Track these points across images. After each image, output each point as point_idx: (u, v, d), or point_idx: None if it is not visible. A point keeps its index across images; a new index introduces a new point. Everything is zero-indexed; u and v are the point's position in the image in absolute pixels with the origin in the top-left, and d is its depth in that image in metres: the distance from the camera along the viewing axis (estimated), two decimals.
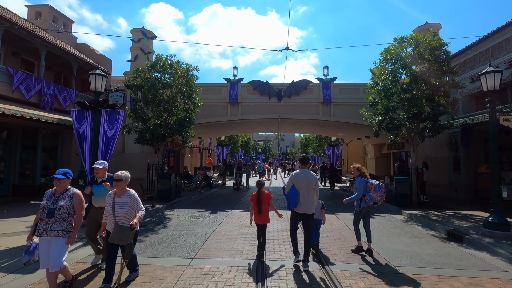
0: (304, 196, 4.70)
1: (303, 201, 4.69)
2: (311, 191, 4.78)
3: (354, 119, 15.77)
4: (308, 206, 4.72)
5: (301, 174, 4.82)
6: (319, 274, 4.58)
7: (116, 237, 3.77)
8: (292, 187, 4.76)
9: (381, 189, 5.46)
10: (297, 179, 4.79)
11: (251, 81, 16.28)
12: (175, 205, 11.15)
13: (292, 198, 4.69)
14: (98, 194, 4.73)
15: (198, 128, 17.40)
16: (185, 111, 11.60)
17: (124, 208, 3.89)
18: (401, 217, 9.48)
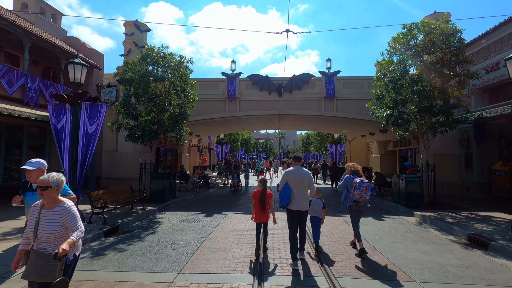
0: (297, 193, 4.68)
1: (298, 198, 4.67)
2: (304, 188, 4.74)
3: (358, 115, 14.98)
4: (302, 203, 4.71)
5: (294, 171, 4.79)
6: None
7: (34, 271, 2.55)
8: (285, 184, 4.74)
9: (360, 187, 5.32)
10: (290, 176, 4.76)
11: (250, 75, 15.49)
12: (169, 207, 10.40)
13: (285, 195, 4.69)
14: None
15: (195, 125, 16.64)
16: (179, 107, 10.83)
17: (52, 228, 2.62)
18: (413, 219, 8.70)
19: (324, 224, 7.94)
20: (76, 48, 15.12)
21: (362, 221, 8.18)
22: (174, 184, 11.96)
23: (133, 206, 9.38)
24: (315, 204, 5.60)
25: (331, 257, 5.24)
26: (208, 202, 11.71)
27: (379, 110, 11.21)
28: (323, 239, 6.46)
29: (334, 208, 10.40)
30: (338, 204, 11.32)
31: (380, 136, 19.70)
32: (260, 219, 5.28)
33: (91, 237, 6.21)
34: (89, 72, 14.84)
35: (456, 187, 13.61)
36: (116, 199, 8.41)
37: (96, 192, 7.72)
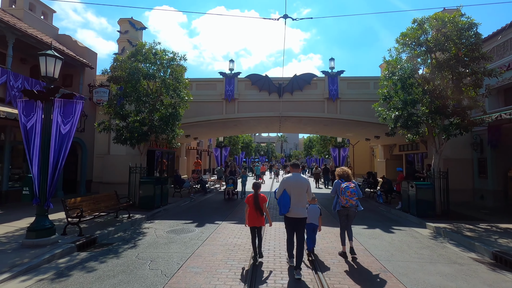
0: (295, 200, 4.61)
1: (295, 206, 4.60)
2: (302, 195, 4.68)
3: (363, 117, 14.16)
4: (300, 210, 4.63)
5: (292, 178, 4.74)
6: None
7: None
8: (283, 191, 4.67)
9: (345, 192, 5.34)
10: (288, 183, 4.69)
11: (249, 75, 14.75)
12: (158, 215, 9.61)
13: (284, 203, 4.61)
14: None
15: (192, 127, 15.91)
16: (171, 107, 10.08)
17: None
18: (426, 232, 7.83)
19: (327, 237, 7.15)
20: (68, 45, 14.50)
21: (369, 234, 7.36)
22: (166, 190, 11.19)
23: (118, 214, 8.60)
24: (312, 211, 5.48)
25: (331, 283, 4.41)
26: (202, 209, 10.90)
27: (386, 111, 10.42)
28: (325, 255, 5.63)
29: (337, 217, 9.54)
30: None
31: (386, 140, 18.85)
32: (254, 223, 5.20)
33: (60, 253, 5.42)
34: (81, 71, 14.20)
35: (468, 194, 12.71)
36: (97, 207, 7.63)
37: (73, 200, 6.94)
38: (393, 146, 19.87)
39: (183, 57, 10.23)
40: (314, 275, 4.70)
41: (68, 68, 14.08)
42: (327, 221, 8.72)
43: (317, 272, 4.76)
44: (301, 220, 4.69)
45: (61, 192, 12.54)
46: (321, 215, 5.61)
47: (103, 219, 8.26)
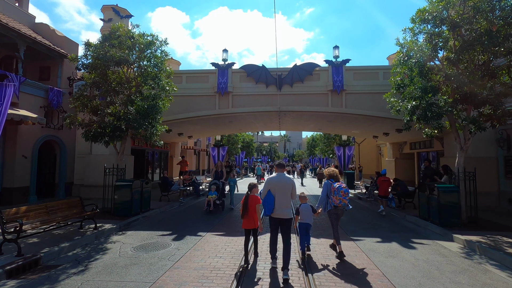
0: (280, 201, 4.59)
1: (279, 206, 4.57)
2: (287, 195, 4.64)
3: (371, 111, 12.69)
4: (284, 211, 4.59)
5: (276, 179, 4.71)
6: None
7: None
8: (268, 192, 4.65)
9: (339, 192, 5.33)
10: (273, 184, 4.67)
11: (244, 65, 13.35)
12: (134, 224, 8.24)
13: (268, 204, 4.61)
14: None
15: (182, 124, 14.56)
16: (150, 98, 8.71)
17: None
18: (454, 247, 6.36)
19: (331, 253, 5.74)
20: (45, 35, 13.23)
21: (385, 250, 5.92)
22: (148, 194, 9.82)
23: (83, 225, 7.24)
24: (305, 210, 5.42)
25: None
26: (187, 216, 9.52)
27: (400, 102, 8.95)
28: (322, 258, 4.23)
29: (345, 226, 8.09)
30: (349, 220, 9.04)
31: (395, 137, 17.32)
32: (247, 226, 4.99)
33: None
34: (59, 63, 12.91)
35: (493, 198, 11.17)
36: (51, 217, 6.27)
37: (14, 210, 5.58)
38: (403, 144, 18.32)
39: (164, 42, 8.85)
40: (304, 277, 4.50)
41: (44, 60, 12.83)
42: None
43: (307, 274, 4.58)
44: (287, 221, 4.60)
45: (34, 197, 11.25)
46: (315, 211, 5.51)
47: (63, 230, 6.92)
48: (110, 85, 8.01)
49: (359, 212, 10.61)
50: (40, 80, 12.77)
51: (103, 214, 8.81)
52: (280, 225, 4.62)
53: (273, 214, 4.61)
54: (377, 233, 7.46)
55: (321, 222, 8.68)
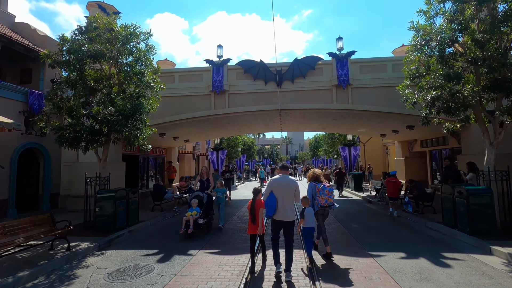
0: (282, 203, 4.50)
1: (282, 208, 4.49)
2: (290, 197, 4.56)
3: (380, 106, 11.62)
4: (287, 213, 4.51)
5: (279, 180, 4.62)
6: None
7: None
8: (270, 193, 4.57)
9: (323, 192, 5.52)
10: (275, 185, 4.58)
11: (241, 61, 12.35)
12: (116, 242, 7.18)
13: (270, 205, 4.52)
14: None
15: (176, 127, 13.57)
16: (134, 97, 7.70)
17: None
18: (497, 262, 5.26)
19: (349, 275, 4.67)
20: (25, 34, 12.31)
21: (414, 270, 4.82)
22: (136, 205, 8.79)
23: (54, 246, 6.19)
24: (309, 214, 5.31)
25: None
26: (179, 228, 8.44)
27: (416, 94, 7.92)
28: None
29: (361, 237, 6.98)
30: (365, 228, 7.90)
31: (404, 135, 16.22)
32: (253, 231, 4.94)
33: None
34: (40, 64, 11.97)
35: None
36: (9, 241, 5.22)
37: None
38: (413, 142, 17.21)
39: (148, 33, 7.84)
40: (311, 285, 4.32)
41: (25, 61, 11.91)
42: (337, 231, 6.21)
43: (315, 283, 4.38)
44: (290, 223, 4.55)
45: (13, 211, 10.24)
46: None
47: (30, 253, 5.87)
48: (86, 83, 6.99)
49: (372, 219, 9.50)
50: (21, 83, 11.84)
51: (83, 230, 7.80)
52: (282, 227, 4.56)
53: (275, 216, 4.51)
54: (399, 246, 6.37)
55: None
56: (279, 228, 4.58)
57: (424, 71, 7.97)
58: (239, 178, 30.78)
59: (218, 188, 8.78)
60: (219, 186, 8.83)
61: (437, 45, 6.72)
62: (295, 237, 5.07)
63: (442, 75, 6.78)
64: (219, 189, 8.77)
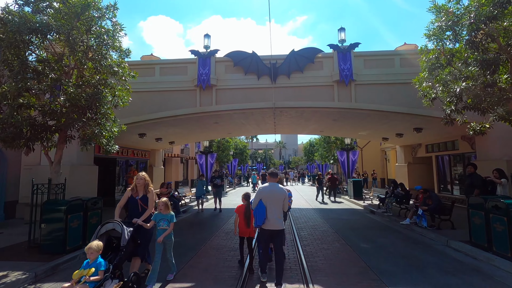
0: (271, 211, 4.42)
1: (271, 217, 4.41)
2: (279, 206, 4.48)
3: (387, 105, 10.34)
4: (277, 222, 4.42)
5: (268, 188, 4.56)
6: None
7: None
8: (259, 202, 4.48)
9: None
10: (264, 194, 4.52)
11: (230, 52, 10.92)
12: (63, 268, 5.57)
13: (259, 214, 4.42)
14: None
15: (157, 127, 12.04)
16: (92, 86, 6.17)
17: None
18: None
19: None
20: None
21: None
22: (98, 218, 7.18)
23: None
24: None
25: None
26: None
27: (439, 87, 6.62)
28: None
29: (373, 262, 5.51)
30: (377, 251, 6.29)
31: (408, 139, 14.99)
32: (244, 234, 5.19)
33: None
34: None
35: None
36: None
37: None
38: (417, 147, 15.99)
39: (113, 6, 6.32)
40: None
41: None
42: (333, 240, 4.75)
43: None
44: (278, 232, 4.49)
45: None
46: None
47: None
48: (27, 64, 5.45)
49: (381, 235, 8.08)
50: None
51: (25, 251, 6.23)
52: (271, 237, 4.50)
53: (264, 226, 4.43)
54: (424, 275, 4.95)
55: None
56: (268, 237, 4.49)
57: (444, 61, 6.71)
58: (230, 183, 29.24)
59: (161, 214, 4.75)
60: (162, 210, 4.77)
61: (472, 23, 5.38)
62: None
63: (477, 61, 5.45)
64: (162, 216, 4.74)
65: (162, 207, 4.79)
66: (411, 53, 10.41)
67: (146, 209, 4.67)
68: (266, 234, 4.46)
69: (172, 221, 4.78)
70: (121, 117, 10.75)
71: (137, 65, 11.31)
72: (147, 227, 4.59)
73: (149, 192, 4.75)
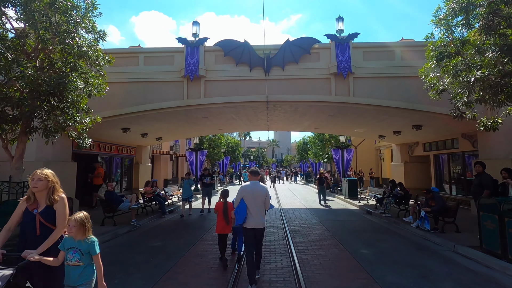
0: (253, 209, 4.43)
1: (253, 215, 4.42)
2: (260, 204, 4.50)
3: (387, 100, 9.74)
4: (258, 220, 4.44)
5: (250, 187, 4.55)
6: None
7: None
8: (241, 201, 4.50)
9: None
10: (246, 192, 4.51)
11: (221, 41, 10.14)
12: None
13: (241, 213, 4.44)
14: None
15: (141, 121, 11.21)
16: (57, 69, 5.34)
17: None
18: None
19: None
20: None
21: None
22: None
23: None
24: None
25: None
26: (127, 256, 6.10)
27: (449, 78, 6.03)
28: None
29: (377, 273, 4.86)
30: (379, 256, 5.40)
31: (406, 137, 14.48)
32: (223, 230, 5.47)
33: None
34: None
35: None
36: None
37: None
38: (414, 145, 15.51)
39: None
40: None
41: None
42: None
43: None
44: (261, 231, 4.56)
45: None
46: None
47: None
48: None
49: (381, 238, 7.47)
50: None
51: None
52: (254, 236, 4.48)
53: (246, 224, 4.44)
54: None
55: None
56: (251, 235, 4.47)
57: (453, 50, 6.14)
58: (221, 181, 28.49)
59: (71, 240, 2.70)
60: (73, 233, 2.67)
61: (491, 2, 4.76)
62: None
63: (496, 46, 4.84)
64: (72, 243, 2.69)
65: (74, 228, 2.65)
66: (412, 45, 9.83)
67: (51, 230, 2.78)
68: (251, 233, 4.45)
69: (93, 253, 2.67)
70: (101, 109, 9.89)
71: (120, 53, 10.45)
72: (53, 264, 2.63)
73: (56, 202, 2.84)
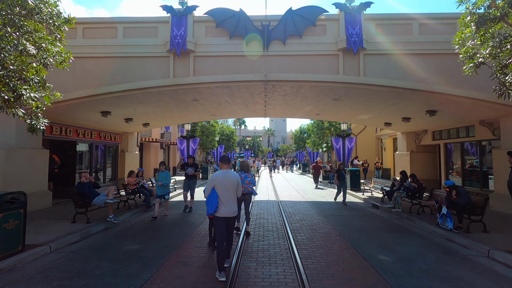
0: (225, 198, 4.36)
1: (225, 204, 4.34)
2: (232, 192, 4.45)
3: (402, 81, 8.53)
4: (230, 208, 4.39)
5: (221, 176, 4.45)
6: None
7: None
8: (212, 190, 4.38)
9: (244, 181, 6.28)
10: (217, 181, 4.40)
11: (212, 10, 8.75)
12: None
13: (212, 202, 4.33)
14: None
15: (122, 103, 9.91)
16: None
17: None
18: None
19: None
20: None
21: None
22: (19, 221, 5.16)
23: None
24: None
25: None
26: (100, 259, 4.92)
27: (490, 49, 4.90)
28: None
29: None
30: (402, 264, 4.46)
31: (416, 124, 13.34)
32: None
33: None
34: None
35: None
36: None
37: None
38: (422, 134, 14.43)
39: None
40: None
41: None
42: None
43: None
44: (232, 219, 4.60)
45: None
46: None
47: None
48: None
49: (398, 239, 6.40)
50: None
51: None
52: (227, 225, 4.45)
53: (218, 214, 4.36)
54: None
55: None
56: (223, 224, 4.38)
57: (496, 13, 4.97)
58: (215, 170, 27.35)
59: None
60: None
61: None
62: None
63: None
64: None
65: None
66: (436, 17, 8.56)
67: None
68: (223, 222, 4.37)
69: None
70: (73, 88, 8.57)
71: (95, 23, 9.06)
72: None
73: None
